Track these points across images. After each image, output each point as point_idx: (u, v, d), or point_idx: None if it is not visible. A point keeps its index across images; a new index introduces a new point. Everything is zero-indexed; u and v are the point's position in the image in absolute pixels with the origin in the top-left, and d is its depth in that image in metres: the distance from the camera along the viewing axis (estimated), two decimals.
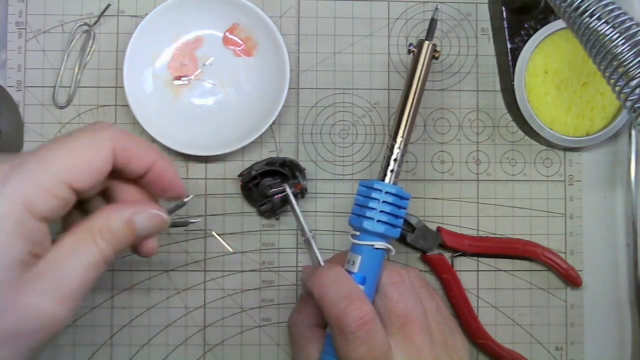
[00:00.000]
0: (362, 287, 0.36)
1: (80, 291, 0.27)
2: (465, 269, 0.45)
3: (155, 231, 0.32)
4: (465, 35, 0.47)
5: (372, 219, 0.37)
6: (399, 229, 0.38)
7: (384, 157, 0.39)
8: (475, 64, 0.46)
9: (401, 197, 0.38)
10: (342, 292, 0.34)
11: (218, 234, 0.45)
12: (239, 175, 0.44)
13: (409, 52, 0.40)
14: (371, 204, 0.37)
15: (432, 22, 0.40)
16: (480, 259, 0.46)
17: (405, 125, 0.39)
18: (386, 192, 0.37)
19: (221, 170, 0.45)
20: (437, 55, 0.40)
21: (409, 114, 0.39)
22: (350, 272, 0.37)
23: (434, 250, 0.44)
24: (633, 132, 0.45)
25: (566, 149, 0.46)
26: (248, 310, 0.45)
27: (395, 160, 0.39)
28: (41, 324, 0.26)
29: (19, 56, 0.45)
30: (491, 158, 0.46)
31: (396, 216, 0.38)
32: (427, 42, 0.40)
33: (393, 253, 0.38)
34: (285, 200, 0.43)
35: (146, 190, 0.33)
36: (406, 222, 0.45)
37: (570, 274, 0.45)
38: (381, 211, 0.37)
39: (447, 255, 0.45)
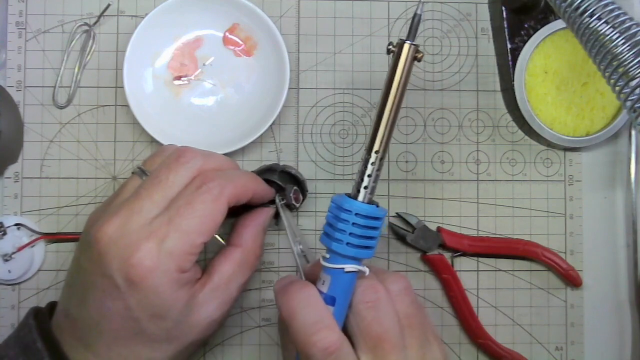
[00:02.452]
0: (331, 308, 0.34)
1: (234, 301, 0.38)
2: (465, 269, 0.45)
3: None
4: (465, 35, 0.47)
5: (341, 241, 0.33)
6: (372, 250, 0.34)
7: (358, 171, 0.35)
8: (475, 64, 0.46)
9: (374, 218, 0.34)
10: (309, 318, 0.33)
11: (218, 235, 0.45)
12: None
13: (389, 52, 0.35)
14: (340, 225, 0.33)
15: (415, 19, 0.34)
16: (480, 259, 0.46)
17: (382, 137, 0.34)
18: (356, 214, 0.33)
19: None
20: (419, 56, 0.34)
21: (386, 125, 0.34)
22: (320, 291, 0.34)
23: (434, 250, 0.44)
24: (633, 132, 0.45)
25: (566, 149, 0.46)
26: (248, 310, 0.45)
27: (369, 176, 0.34)
28: (213, 327, 0.37)
29: (19, 56, 0.45)
30: (491, 158, 0.46)
31: (369, 237, 0.34)
32: (407, 44, 0.34)
33: (367, 274, 0.34)
34: (288, 206, 0.43)
35: None
36: (406, 222, 0.45)
37: (570, 274, 0.45)
38: (351, 233, 0.33)
39: (447, 255, 0.45)
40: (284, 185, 0.43)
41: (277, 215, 0.43)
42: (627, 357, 0.46)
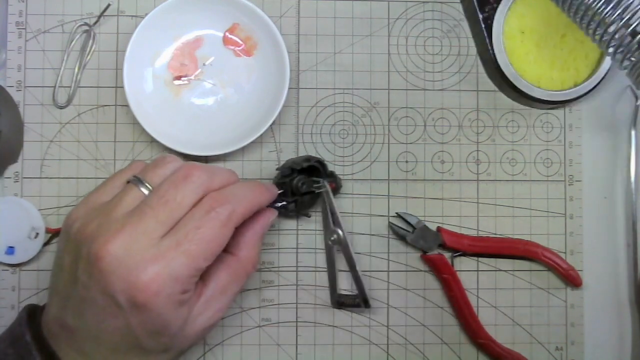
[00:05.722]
0: None
1: (227, 308, 0.38)
2: (465, 269, 0.45)
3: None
4: (465, 35, 0.46)
5: None
6: None
7: None
8: (476, 64, 0.46)
9: None
10: None
11: None
12: (277, 169, 0.43)
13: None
14: None
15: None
16: (480, 259, 0.46)
17: None
18: None
19: None
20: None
21: None
22: None
23: (434, 250, 0.44)
24: (633, 132, 0.45)
25: (563, 103, 0.45)
26: (248, 310, 0.45)
27: None
28: (205, 334, 0.37)
29: (19, 56, 0.45)
30: (491, 158, 0.46)
31: None
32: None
33: None
34: (312, 200, 0.43)
35: None
36: (406, 222, 0.45)
37: (570, 274, 0.45)
38: None
39: (447, 255, 0.45)
40: (330, 170, 0.44)
41: (301, 209, 0.43)
42: (627, 357, 0.46)
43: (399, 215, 0.45)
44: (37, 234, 0.43)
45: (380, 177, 0.46)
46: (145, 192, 0.35)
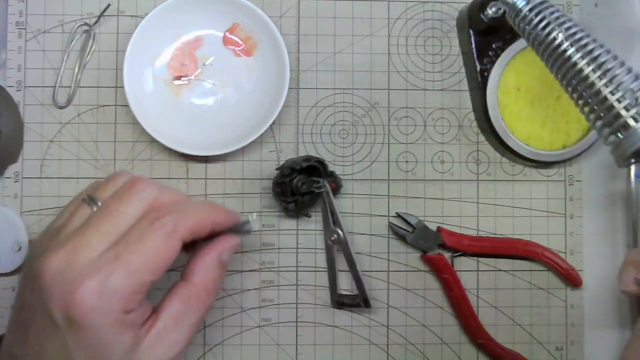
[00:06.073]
0: None
1: (188, 341, 0.34)
2: (465, 269, 0.45)
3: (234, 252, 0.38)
4: None
5: None
6: None
7: None
8: None
9: None
10: None
11: None
12: (277, 169, 0.43)
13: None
14: None
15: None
16: (480, 259, 0.46)
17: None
18: None
19: (221, 170, 0.45)
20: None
21: None
22: None
23: (434, 250, 0.44)
24: None
25: (547, 164, 0.45)
26: (248, 310, 0.45)
27: None
28: None
29: (19, 56, 0.45)
30: (491, 158, 0.46)
31: None
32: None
33: None
34: (312, 200, 0.43)
35: None
36: (406, 222, 0.45)
37: (570, 274, 0.45)
38: None
39: (447, 255, 0.45)
40: (330, 170, 0.44)
41: (301, 209, 0.43)
42: None
43: (399, 215, 0.45)
44: (20, 247, 0.43)
45: (380, 177, 0.46)
46: (95, 208, 0.34)
